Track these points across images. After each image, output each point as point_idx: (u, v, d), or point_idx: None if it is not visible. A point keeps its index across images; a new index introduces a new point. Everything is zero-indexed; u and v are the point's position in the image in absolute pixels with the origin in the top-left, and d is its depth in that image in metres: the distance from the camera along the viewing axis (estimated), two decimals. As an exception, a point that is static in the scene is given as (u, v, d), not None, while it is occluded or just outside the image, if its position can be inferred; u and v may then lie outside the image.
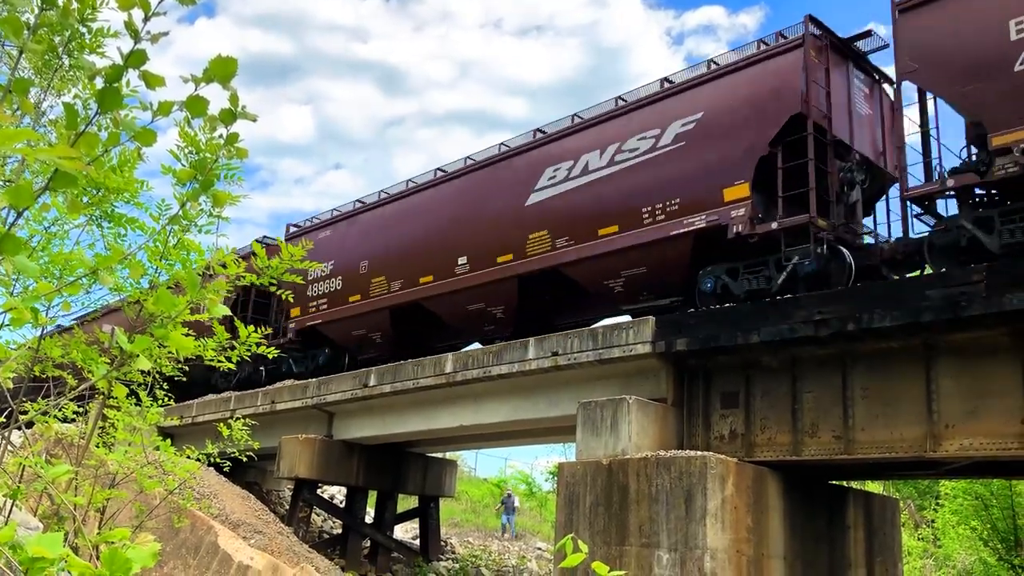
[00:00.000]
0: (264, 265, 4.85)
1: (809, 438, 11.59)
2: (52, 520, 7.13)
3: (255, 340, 5.64)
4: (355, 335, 20.78)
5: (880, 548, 14.15)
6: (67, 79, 5.65)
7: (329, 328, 21.40)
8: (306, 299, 21.73)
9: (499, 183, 17.64)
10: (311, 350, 22.30)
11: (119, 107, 2.11)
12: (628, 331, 12.97)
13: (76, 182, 1.94)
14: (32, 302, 2.18)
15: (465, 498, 34.62)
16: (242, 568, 11.48)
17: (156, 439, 7.29)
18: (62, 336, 5.81)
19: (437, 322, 19.13)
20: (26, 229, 4.92)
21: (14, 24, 2.10)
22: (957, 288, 10.05)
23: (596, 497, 11.83)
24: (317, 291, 21.60)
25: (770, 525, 11.74)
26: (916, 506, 33.39)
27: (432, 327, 19.63)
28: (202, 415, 21.23)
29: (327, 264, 21.29)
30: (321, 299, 21.51)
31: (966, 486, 23.32)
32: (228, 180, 4.25)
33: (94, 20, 3.91)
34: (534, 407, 15.12)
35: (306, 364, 22.24)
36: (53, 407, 5.13)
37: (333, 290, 21.17)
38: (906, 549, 23.98)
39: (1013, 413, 9.94)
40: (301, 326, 22.03)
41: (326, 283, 21.43)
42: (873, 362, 11.18)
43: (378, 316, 19.96)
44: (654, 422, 12.38)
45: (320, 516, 24.84)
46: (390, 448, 20.65)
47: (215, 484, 15.55)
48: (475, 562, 23.92)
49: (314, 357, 22.08)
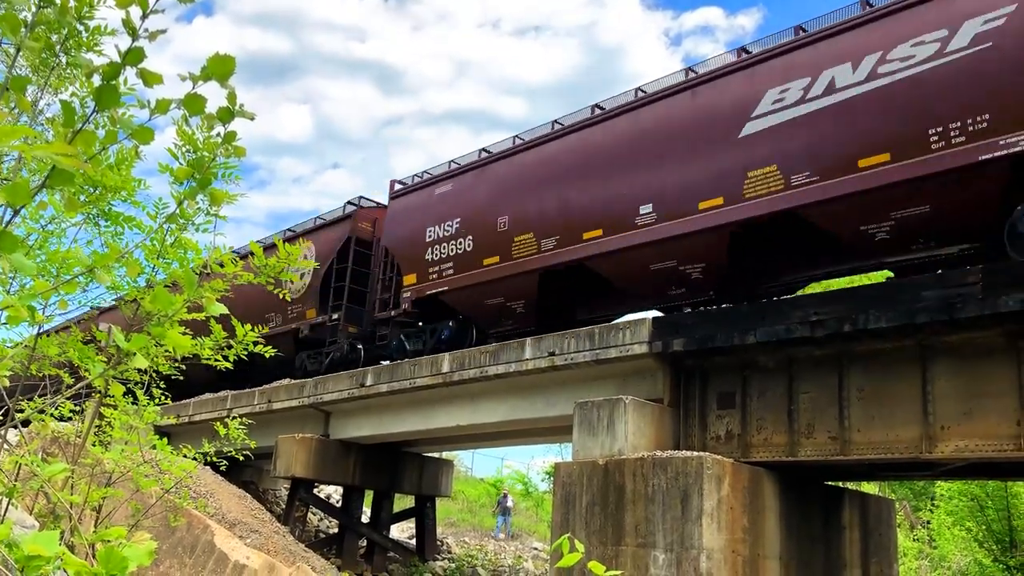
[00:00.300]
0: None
1: (805, 439, 11.61)
2: (48, 519, 7.12)
3: (251, 340, 5.63)
4: (489, 305, 17.31)
5: (876, 549, 14.17)
6: (64, 77, 5.64)
7: (455, 297, 17.87)
8: (424, 264, 18.31)
9: (695, 113, 14.38)
10: (430, 324, 18.89)
11: (116, 105, 2.10)
12: (625, 331, 12.98)
13: (73, 180, 1.93)
14: (29, 300, 2.18)
15: (461, 498, 34.63)
16: (238, 567, 11.47)
17: (152, 438, 7.29)
18: (59, 335, 5.81)
19: (602, 286, 16.01)
20: (23, 227, 4.91)
21: (11, 21, 2.10)
22: (953, 289, 10.07)
23: (592, 497, 11.84)
24: (439, 254, 18.04)
25: (766, 525, 11.76)
26: (912, 507, 33.45)
27: (593, 293, 16.80)
28: (199, 414, 21.21)
29: (450, 222, 17.95)
30: (444, 263, 17.96)
31: (961, 487, 23.36)
32: (226, 179, 4.25)
33: (91, 18, 3.90)
34: (531, 407, 15.13)
35: (423, 340, 18.74)
36: (50, 405, 5.12)
37: (461, 252, 17.62)
38: (902, 550, 24.01)
39: (1009, 414, 9.95)
40: (419, 295, 18.38)
41: (451, 244, 17.84)
42: (869, 363, 11.20)
43: (522, 281, 16.49)
44: (651, 422, 12.39)
45: (316, 515, 24.82)
46: (386, 448, 20.64)
47: (211, 483, 15.52)
48: (471, 562, 23.91)
49: (434, 332, 18.59)
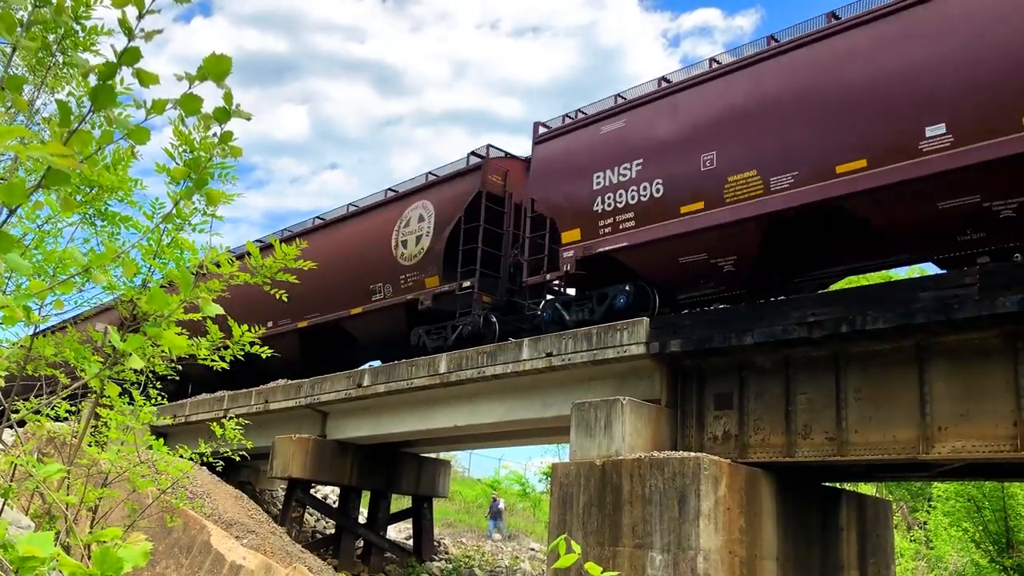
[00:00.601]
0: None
1: (802, 439, 11.62)
2: (43, 519, 7.10)
3: (248, 340, 5.63)
4: (685, 263, 13.79)
5: (873, 550, 14.19)
6: (61, 76, 5.63)
7: (635, 255, 14.36)
8: (591, 216, 14.89)
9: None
10: (596, 289, 15.22)
11: (113, 105, 2.10)
12: (622, 332, 12.98)
13: (69, 180, 1.93)
14: (25, 300, 2.17)
15: (459, 498, 34.64)
16: (235, 568, 11.45)
17: (149, 438, 7.27)
18: (55, 334, 5.80)
19: (861, 234, 12.40)
20: (19, 227, 4.90)
21: (7, 21, 2.09)
22: (951, 290, 10.08)
23: (590, 498, 11.84)
24: (612, 203, 14.64)
25: (763, 526, 11.76)
26: (909, 508, 33.50)
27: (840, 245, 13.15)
28: (195, 414, 21.20)
29: (627, 165, 14.49)
30: (621, 213, 14.53)
31: (958, 488, 23.40)
32: (222, 179, 4.24)
33: (88, 17, 3.90)
34: (528, 408, 15.12)
35: (588, 309, 15.17)
36: (45, 406, 5.11)
37: (646, 199, 14.16)
38: (899, 551, 24.04)
39: (1005, 416, 9.97)
40: (586, 254, 14.91)
41: (629, 191, 14.42)
42: (866, 364, 11.21)
43: (737, 232, 12.95)
44: (648, 423, 12.40)
45: (313, 516, 24.80)
46: (383, 448, 20.62)
47: (208, 483, 15.50)
48: (468, 563, 23.90)
49: (603, 299, 14.98)
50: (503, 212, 17.83)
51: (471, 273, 17.13)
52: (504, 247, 17.67)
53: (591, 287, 15.22)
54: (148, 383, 7.19)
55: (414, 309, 18.26)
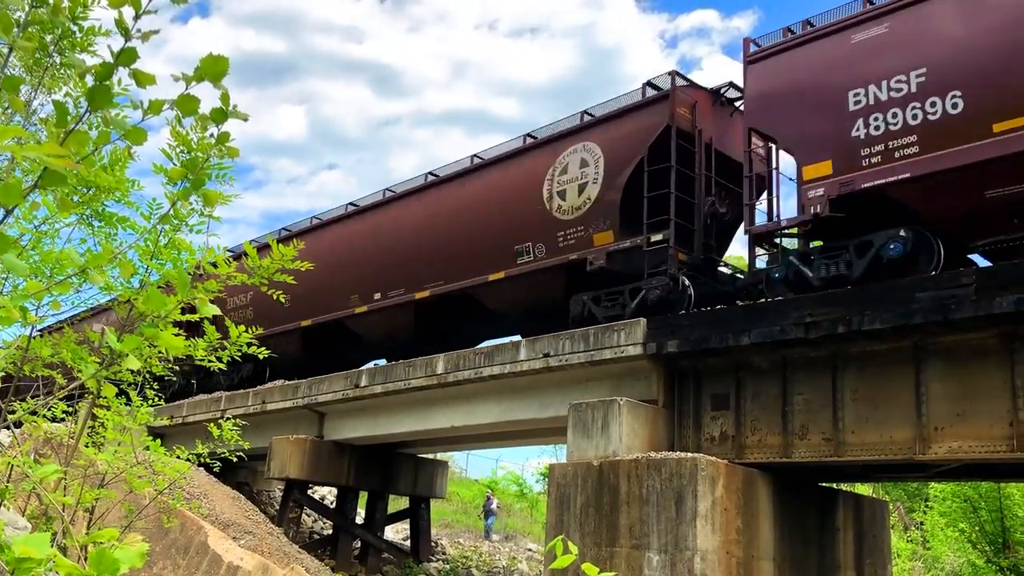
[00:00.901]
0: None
1: (799, 440, 11.63)
2: (40, 520, 7.09)
3: (246, 340, 5.62)
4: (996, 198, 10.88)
5: (869, 550, 14.21)
6: (58, 77, 5.63)
7: (919, 190, 11.32)
8: (848, 144, 11.89)
9: None
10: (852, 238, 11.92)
11: (110, 105, 2.10)
12: (619, 332, 12.98)
13: (66, 180, 1.93)
14: (21, 301, 2.17)
15: (456, 499, 34.63)
16: (232, 568, 11.44)
17: (146, 439, 7.27)
18: (52, 335, 5.79)
19: None
20: (16, 227, 4.89)
21: (4, 21, 2.09)
22: (948, 290, 10.09)
23: (587, 498, 11.84)
24: (881, 125, 11.62)
25: (760, 527, 11.77)
26: (905, 508, 33.55)
27: None
28: (192, 415, 21.18)
29: (902, 77, 11.47)
30: (897, 137, 11.43)
31: (955, 488, 23.44)
32: (219, 179, 4.24)
33: (85, 18, 3.89)
34: (526, 408, 15.13)
35: (845, 262, 11.90)
36: (42, 406, 5.10)
37: (935, 118, 11.11)
38: (895, 551, 24.08)
39: (1001, 416, 9.99)
40: (843, 191, 11.82)
41: (908, 109, 11.37)
42: (863, 364, 11.23)
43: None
44: (645, 424, 12.41)
45: (310, 517, 24.79)
46: (381, 449, 20.62)
47: (205, 484, 15.49)
48: (465, 563, 23.90)
49: (863, 249, 11.75)
50: (693, 152, 14.70)
51: (663, 224, 14.07)
52: (696, 194, 14.55)
53: (842, 236, 12.11)
54: (145, 383, 7.18)
55: (577, 271, 15.35)
